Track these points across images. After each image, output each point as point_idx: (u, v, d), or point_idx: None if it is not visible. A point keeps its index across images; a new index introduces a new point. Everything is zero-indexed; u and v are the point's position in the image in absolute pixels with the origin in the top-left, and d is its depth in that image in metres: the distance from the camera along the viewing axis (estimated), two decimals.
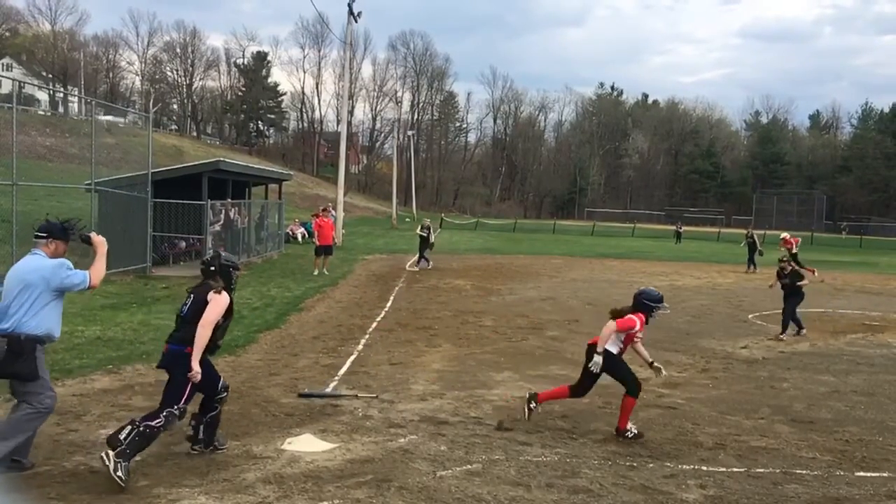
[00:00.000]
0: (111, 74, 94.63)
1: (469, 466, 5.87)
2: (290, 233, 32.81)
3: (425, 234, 23.90)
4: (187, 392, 5.60)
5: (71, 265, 5.52)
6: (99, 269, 5.62)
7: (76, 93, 74.87)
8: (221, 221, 21.02)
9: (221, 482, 5.37)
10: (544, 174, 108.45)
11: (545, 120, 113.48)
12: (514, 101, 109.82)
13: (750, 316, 15.64)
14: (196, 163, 23.03)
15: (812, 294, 19.97)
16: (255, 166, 30.10)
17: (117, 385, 8.13)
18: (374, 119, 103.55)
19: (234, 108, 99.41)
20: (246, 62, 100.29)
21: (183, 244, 21.21)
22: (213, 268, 5.94)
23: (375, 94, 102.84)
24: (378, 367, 9.43)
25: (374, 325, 12.72)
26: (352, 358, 9.92)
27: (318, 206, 37.18)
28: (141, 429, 5.31)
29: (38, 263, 5.44)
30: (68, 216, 6.03)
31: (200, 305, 5.70)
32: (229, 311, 5.86)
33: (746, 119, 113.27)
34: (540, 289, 19.19)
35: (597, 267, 26.90)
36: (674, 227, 51.52)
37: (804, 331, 13.13)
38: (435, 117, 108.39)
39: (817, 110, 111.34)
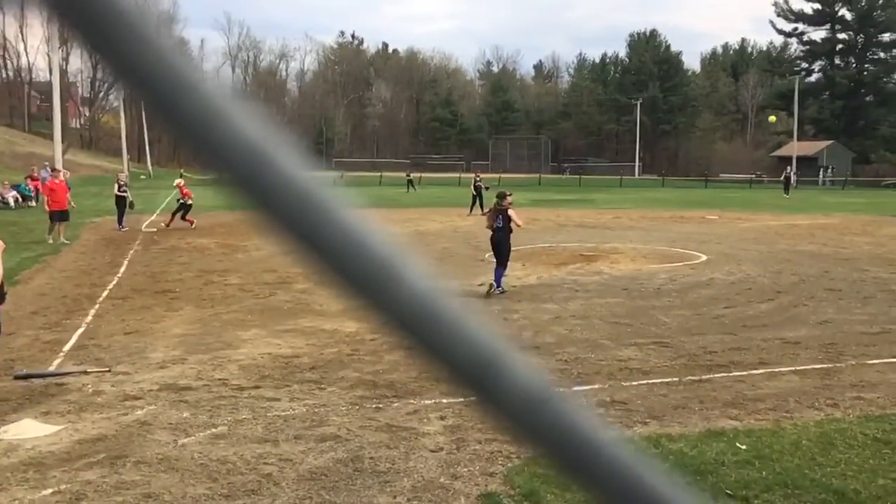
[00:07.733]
0: None
1: (214, 430, 5.71)
2: (1, 197, 28.96)
3: (123, 193, 21.77)
4: None
5: None
6: None
7: None
8: None
9: None
10: (290, 126, 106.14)
11: (287, 69, 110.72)
12: (252, 49, 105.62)
13: (487, 255, 16.76)
14: None
15: (538, 231, 21.97)
16: None
17: None
18: (94, 67, 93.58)
19: None
20: None
21: None
22: None
23: None
24: (111, 339, 8.74)
25: (106, 293, 11.72)
26: (79, 331, 9.09)
27: (32, 167, 33.25)
28: None
29: None
30: None
31: None
32: None
33: (479, 69, 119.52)
34: None
35: None
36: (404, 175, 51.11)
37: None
38: None
39: (540, 60, 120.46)
